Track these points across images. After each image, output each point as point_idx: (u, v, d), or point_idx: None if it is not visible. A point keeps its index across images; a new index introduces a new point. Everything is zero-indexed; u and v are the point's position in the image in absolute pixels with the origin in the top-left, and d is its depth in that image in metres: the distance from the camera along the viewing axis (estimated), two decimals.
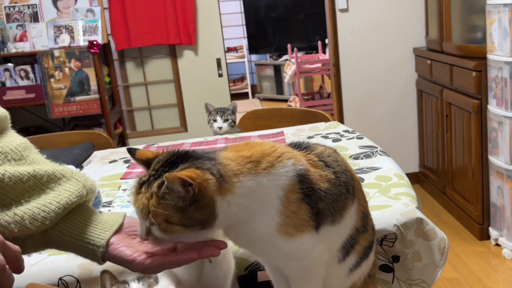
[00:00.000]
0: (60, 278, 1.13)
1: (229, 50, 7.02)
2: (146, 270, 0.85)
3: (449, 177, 3.32)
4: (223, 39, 4.01)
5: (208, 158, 0.83)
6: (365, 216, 0.99)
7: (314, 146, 0.96)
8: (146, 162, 0.87)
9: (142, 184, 0.82)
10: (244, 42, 7.03)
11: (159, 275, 1.02)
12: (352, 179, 0.96)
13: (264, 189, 0.83)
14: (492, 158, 2.77)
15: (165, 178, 0.77)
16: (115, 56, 3.98)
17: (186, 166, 0.81)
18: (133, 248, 0.87)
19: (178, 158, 0.83)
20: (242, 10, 6.95)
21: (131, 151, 0.88)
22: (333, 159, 0.95)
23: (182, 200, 0.78)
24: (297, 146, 0.95)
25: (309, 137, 2.01)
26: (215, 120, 2.32)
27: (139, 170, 1.80)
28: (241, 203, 0.82)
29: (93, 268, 1.13)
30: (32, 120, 3.85)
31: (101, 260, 0.87)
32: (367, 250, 1.00)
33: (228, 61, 4.66)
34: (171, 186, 0.78)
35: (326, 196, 0.88)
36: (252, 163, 0.84)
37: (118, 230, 0.90)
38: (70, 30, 3.57)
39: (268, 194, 0.84)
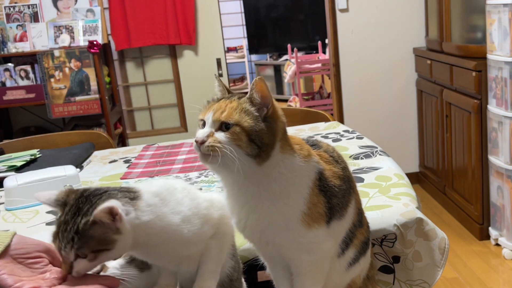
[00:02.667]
0: None
1: (229, 50, 7.01)
2: None
3: (449, 177, 3.32)
4: (223, 39, 4.01)
5: None
6: (360, 212, 1.02)
7: (320, 143, 0.99)
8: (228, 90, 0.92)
9: (220, 99, 0.88)
10: (244, 42, 7.03)
11: (160, 271, 1.01)
12: (351, 175, 0.99)
13: (302, 174, 0.88)
14: (492, 158, 2.77)
15: (254, 80, 0.83)
16: (115, 56, 3.98)
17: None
18: (16, 276, 0.78)
19: None
20: (242, 10, 6.94)
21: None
22: (337, 154, 0.99)
23: (258, 111, 0.84)
24: (306, 142, 0.97)
25: (309, 137, 2.01)
26: None
27: (139, 170, 1.80)
28: (283, 173, 0.86)
29: None
30: (32, 120, 3.85)
31: None
32: (364, 246, 1.02)
33: (228, 61, 4.66)
34: (252, 95, 0.84)
35: (338, 192, 0.92)
36: (298, 146, 0.90)
37: (3, 253, 0.80)
38: (70, 30, 3.57)
39: (303, 181, 0.88)
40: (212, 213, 0.94)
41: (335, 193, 0.91)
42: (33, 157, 1.93)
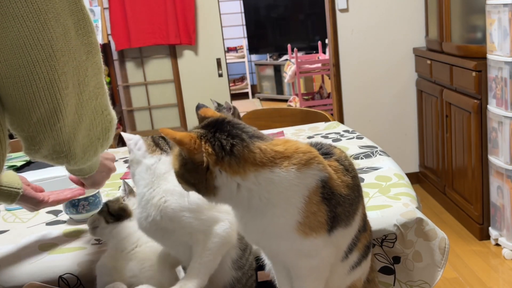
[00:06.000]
0: (60, 276, 1.14)
1: (229, 50, 7.01)
2: (49, 205, 1.21)
3: (449, 177, 3.32)
4: (223, 39, 4.01)
5: (233, 135, 0.83)
6: (365, 217, 1.01)
7: (333, 150, 0.97)
8: (201, 119, 0.91)
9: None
10: (244, 42, 7.03)
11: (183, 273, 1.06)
12: (360, 183, 0.98)
13: (288, 184, 0.84)
14: (492, 158, 2.78)
15: (160, 131, 0.84)
16: (115, 56, 3.98)
17: (202, 132, 0.84)
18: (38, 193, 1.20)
19: (216, 125, 0.85)
20: (242, 10, 6.95)
21: (198, 107, 0.94)
22: (349, 163, 0.97)
23: (182, 156, 0.84)
24: (318, 148, 0.95)
25: (309, 137, 2.01)
26: None
27: None
28: (254, 190, 0.83)
29: (93, 266, 1.13)
30: None
31: (17, 199, 1.14)
32: (367, 250, 1.02)
33: (228, 61, 4.66)
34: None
35: (344, 201, 0.90)
36: (282, 158, 0.85)
37: None
38: None
39: (292, 191, 0.84)
40: (205, 209, 1.00)
41: (341, 202, 0.89)
42: None
